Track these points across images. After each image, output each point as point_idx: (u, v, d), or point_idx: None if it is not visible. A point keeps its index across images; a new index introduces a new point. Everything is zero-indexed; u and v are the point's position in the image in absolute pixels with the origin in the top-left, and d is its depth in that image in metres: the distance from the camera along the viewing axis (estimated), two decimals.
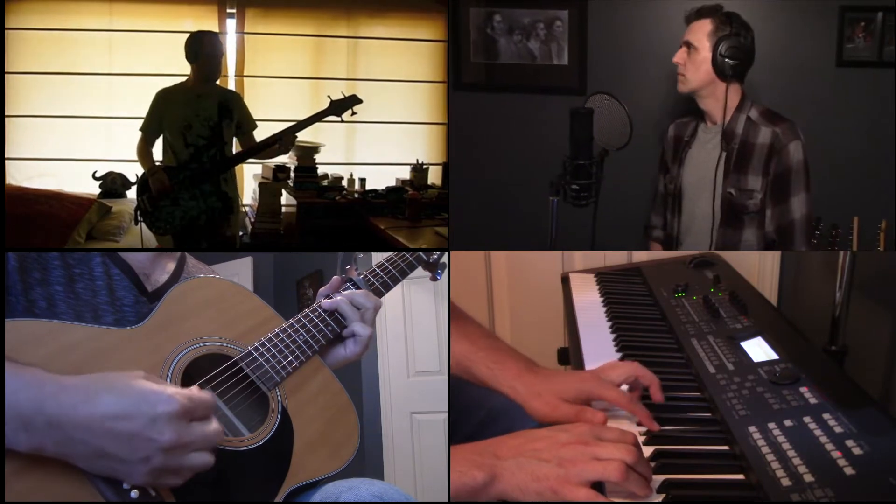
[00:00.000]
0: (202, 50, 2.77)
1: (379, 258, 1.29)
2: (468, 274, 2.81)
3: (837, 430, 1.01)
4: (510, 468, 0.93)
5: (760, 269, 2.38)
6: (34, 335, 0.90)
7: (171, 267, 1.20)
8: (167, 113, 2.78)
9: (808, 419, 1.05)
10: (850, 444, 0.97)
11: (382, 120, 4.03)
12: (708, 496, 0.95)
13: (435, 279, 1.36)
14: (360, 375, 3.55)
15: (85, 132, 3.79)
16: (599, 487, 0.92)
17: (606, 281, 1.94)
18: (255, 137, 2.94)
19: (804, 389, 1.15)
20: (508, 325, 2.84)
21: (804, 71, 2.48)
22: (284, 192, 3.59)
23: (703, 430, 1.14)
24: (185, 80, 2.83)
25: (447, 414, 2.66)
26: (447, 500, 0.95)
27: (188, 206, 2.77)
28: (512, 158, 2.89)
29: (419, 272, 1.35)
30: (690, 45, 1.95)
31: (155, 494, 0.84)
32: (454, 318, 1.41)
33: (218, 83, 2.91)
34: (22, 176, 3.74)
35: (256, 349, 1.07)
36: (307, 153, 3.52)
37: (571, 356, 1.55)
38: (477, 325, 1.40)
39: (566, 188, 1.68)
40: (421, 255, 1.33)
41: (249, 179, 3.92)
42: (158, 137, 2.83)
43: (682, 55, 1.97)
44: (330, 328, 1.15)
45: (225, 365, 1.03)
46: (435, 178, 3.90)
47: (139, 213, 2.78)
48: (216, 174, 2.81)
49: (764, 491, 0.92)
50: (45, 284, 1.02)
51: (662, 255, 2.20)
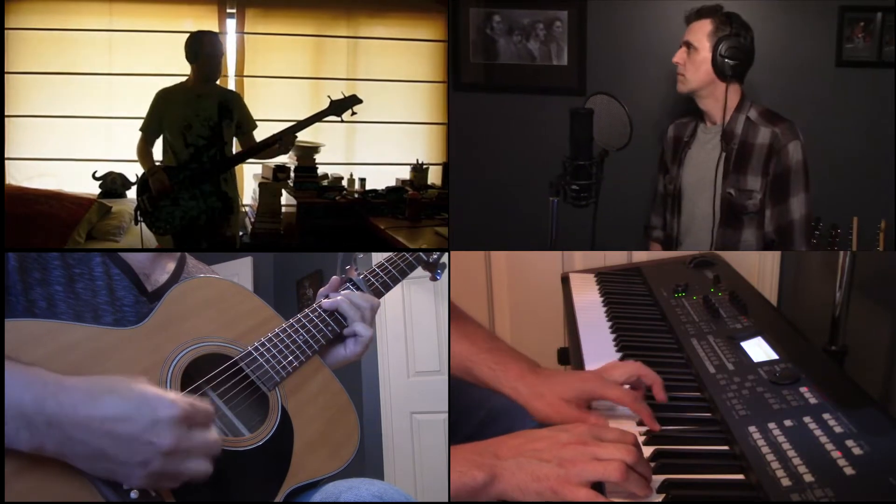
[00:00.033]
0: (202, 50, 2.77)
1: (379, 258, 1.29)
2: (468, 274, 2.80)
3: (837, 430, 1.01)
4: (510, 468, 0.93)
5: (760, 269, 2.38)
6: (34, 335, 0.90)
7: (171, 267, 1.20)
8: (167, 113, 2.78)
9: (808, 419, 1.05)
10: (850, 444, 0.97)
11: (382, 120, 4.03)
12: (708, 496, 0.95)
13: (435, 279, 1.36)
14: (360, 375, 3.55)
15: (85, 132, 3.79)
16: (599, 488, 0.92)
17: (606, 281, 1.94)
18: (255, 137, 2.94)
19: (804, 389, 1.15)
20: (508, 325, 2.83)
21: (804, 71, 2.48)
22: (284, 192, 3.59)
23: (703, 430, 1.14)
24: (185, 80, 2.82)
25: (447, 414, 2.66)
26: (447, 500, 0.95)
27: (188, 206, 2.77)
28: (512, 158, 2.89)
29: (419, 272, 1.35)
30: (690, 45, 1.95)
31: (155, 495, 0.84)
32: (455, 318, 1.41)
33: (218, 83, 2.91)
34: (22, 176, 3.74)
35: (256, 349, 1.07)
36: (307, 153, 3.52)
37: (571, 356, 1.55)
38: (478, 325, 1.40)
39: (566, 188, 1.68)
40: (421, 255, 1.33)
41: (249, 179, 3.92)
42: (158, 137, 2.83)
43: (681, 55, 1.97)
44: (330, 328, 1.15)
45: (225, 365, 1.03)
46: (435, 178, 3.90)
47: (139, 213, 2.77)
48: (216, 174, 2.81)
49: (764, 491, 0.92)
50: (45, 284, 1.02)
51: (662, 255, 2.20)
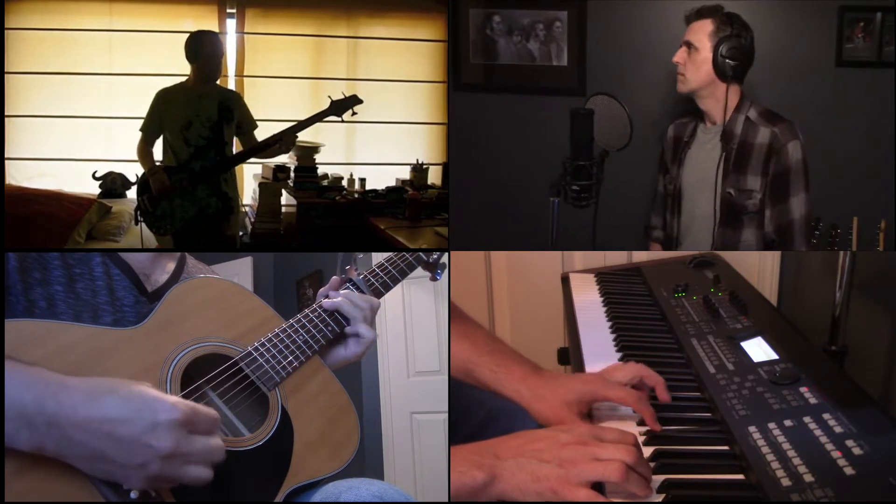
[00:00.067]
0: (202, 50, 2.77)
1: (379, 258, 1.29)
2: (468, 274, 2.80)
3: (837, 430, 1.01)
4: (510, 468, 0.93)
5: (760, 269, 2.38)
6: (34, 335, 0.90)
7: (170, 267, 1.20)
8: (167, 113, 2.78)
9: (808, 419, 1.05)
10: (850, 444, 0.97)
11: (382, 120, 4.03)
12: (708, 496, 0.95)
13: (435, 279, 1.36)
14: (360, 375, 3.55)
15: (85, 132, 3.79)
16: (599, 488, 0.92)
17: (606, 281, 1.94)
18: (255, 137, 2.94)
19: (804, 389, 1.15)
20: (508, 325, 2.83)
21: (804, 71, 2.48)
22: (284, 192, 3.59)
23: (703, 430, 1.14)
24: (185, 80, 2.82)
25: (447, 414, 2.66)
26: (447, 500, 0.95)
27: (188, 206, 2.77)
28: (512, 159, 2.89)
29: (419, 272, 1.35)
30: (691, 45, 1.94)
31: (155, 495, 0.84)
32: (455, 319, 1.40)
33: (218, 83, 2.91)
34: (22, 176, 3.74)
35: (256, 349, 1.07)
36: (307, 153, 3.52)
37: (571, 356, 1.55)
38: (479, 327, 1.39)
39: (567, 189, 1.68)
40: (421, 255, 1.33)
41: (249, 179, 3.92)
42: (159, 137, 2.82)
43: (682, 55, 1.97)
44: (330, 328, 1.15)
45: (225, 365, 1.03)
46: (435, 178, 3.90)
47: (139, 213, 2.77)
48: (217, 174, 2.81)
49: (764, 491, 0.92)
50: (45, 284, 1.02)
51: (662, 255, 2.19)
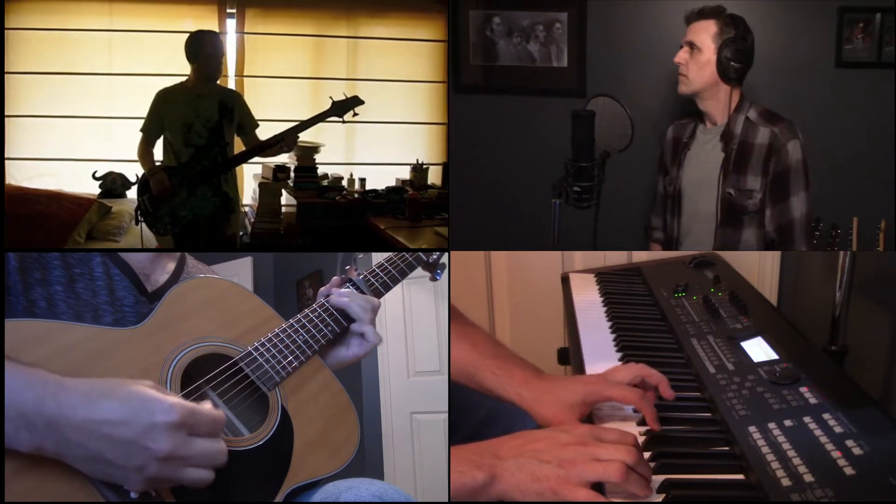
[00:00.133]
0: (202, 50, 2.77)
1: (379, 258, 1.29)
2: (468, 274, 2.80)
3: (837, 430, 1.01)
4: (510, 468, 0.93)
5: (760, 269, 2.38)
6: (34, 335, 0.90)
7: (171, 267, 1.20)
8: (168, 113, 2.78)
9: (808, 419, 1.05)
10: (850, 444, 0.97)
11: (382, 120, 4.03)
12: (708, 496, 0.95)
13: (434, 279, 1.36)
14: (360, 375, 3.55)
15: (85, 132, 3.79)
16: (599, 488, 0.92)
17: (606, 281, 1.94)
18: (257, 136, 2.93)
19: (804, 389, 1.15)
20: (508, 325, 2.83)
21: (804, 71, 2.48)
22: (284, 192, 3.59)
23: (703, 430, 1.14)
24: (185, 80, 2.82)
25: (447, 414, 2.66)
26: (447, 500, 0.95)
27: (188, 206, 2.77)
28: (512, 159, 2.89)
29: (419, 272, 1.35)
30: (693, 45, 1.93)
31: (155, 495, 0.84)
32: (456, 322, 1.40)
33: (218, 83, 2.91)
34: (22, 176, 3.75)
35: (256, 349, 1.07)
36: (307, 153, 3.52)
37: (571, 356, 1.55)
38: (480, 330, 1.39)
39: (568, 190, 1.68)
40: (421, 255, 1.33)
41: (249, 179, 3.92)
42: (159, 138, 2.82)
43: (684, 55, 1.95)
44: (330, 328, 1.15)
45: (225, 365, 1.03)
46: (435, 178, 3.90)
47: (139, 213, 2.77)
48: (217, 174, 2.81)
49: (764, 491, 0.92)
50: (45, 284, 1.02)
51: (662, 255, 2.19)
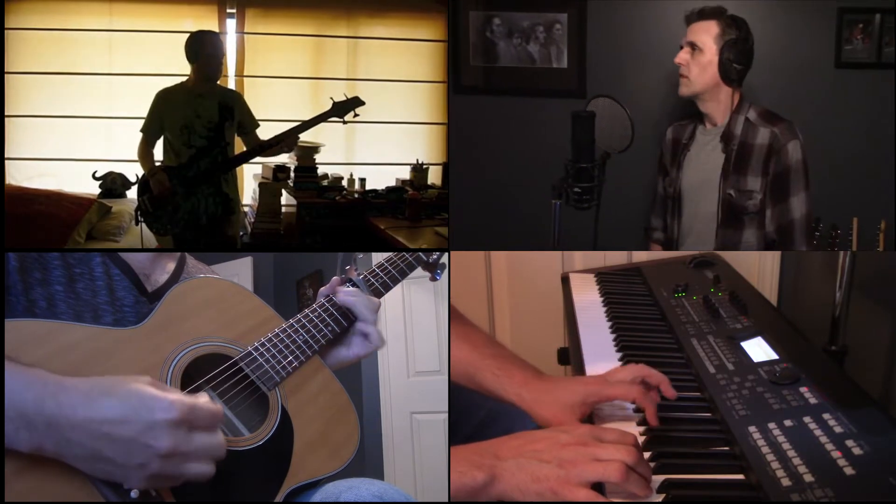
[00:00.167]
0: (203, 50, 2.76)
1: (379, 258, 1.29)
2: (468, 274, 2.80)
3: (837, 430, 1.01)
4: (510, 469, 0.93)
5: (760, 269, 2.38)
6: (34, 335, 0.90)
7: (170, 267, 1.20)
8: (168, 113, 2.78)
9: (808, 419, 1.05)
10: (850, 444, 0.97)
11: (382, 120, 4.03)
12: (708, 496, 0.95)
13: (434, 279, 1.36)
14: (360, 375, 3.55)
15: (85, 132, 3.80)
16: (599, 488, 0.92)
17: (606, 281, 1.94)
18: (258, 136, 2.93)
19: (804, 389, 1.15)
20: (508, 325, 2.83)
21: (803, 72, 2.48)
22: (284, 192, 3.60)
23: (703, 430, 1.14)
24: (185, 80, 2.82)
25: (447, 414, 2.66)
26: (447, 500, 0.95)
27: (189, 206, 2.77)
28: (512, 159, 2.89)
29: (419, 272, 1.35)
30: (695, 45, 1.91)
31: (155, 494, 0.84)
32: (456, 323, 1.40)
33: (218, 83, 2.90)
34: (22, 176, 3.75)
35: (256, 349, 1.07)
36: (307, 153, 3.52)
37: (571, 356, 1.55)
38: (479, 331, 1.39)
39: (569, 191, 1.68)
40: (421, 255, 1.33)
41: (249, 179, 3.92)
42: (159, 138, 2.82)
43: (685, 56, 1.94)
44: (330, 328, 1.15)
45: (225, 365, 1.03)
46: (435, 178, 3.90)
47: (139, 213, 2.77)
48: (218, 175, 2.80)
49: (764, 491, 0.92)
50: (45, 284, 1.02)
51: (662, 255, 2.19)
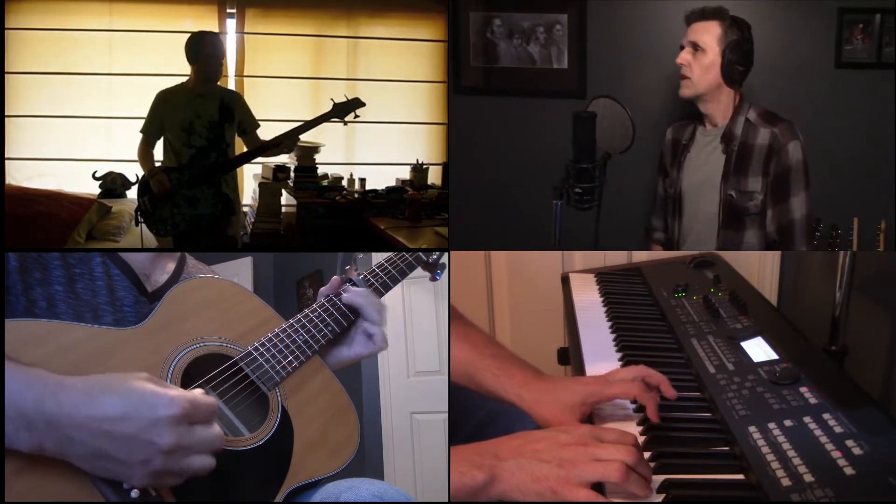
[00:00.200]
0: (203, 51, 2.76)
1: (379, 258, 1.28)
2: (468, 274, 2.80)
3: (837, 430, 1.01)
4: (510, 469, 0.93)
5: (760, 269, 2.38)
6: (34, 335, 0.90)
7: (170, 267, 1.20)
8: (168, 114, 2.78)
9: (808, 419, 1.05)
10: (850, 444, 0.97)
11: (382, 120, 4.03)
12: (708, 496, 0.95)
13: (434, 279, 1.36)
14: (360, 375, 3.55)
15: (85, 132, 3.80)
16: (599, 488, 0.92)
17: (606, 281, 1.94)
18: (259, 136, 2.93)
19: (804, 389, 1.15)
20: (508, 325, 2.83)
21: (803, 72, 2.48)
22: (284, 192, 3.60)
23: (703, 429, 1.14)
24: (185, 81, 2.82)
25: (447, 414, 2.66)
26: (447, 500, 0.95)
27: (189, 207, 2.76)
28: (512, 159, 2.89)
29: (419, 272, 1.35)
30: (697, 45, 1.90)
31: (155, 494, 0.84)
32: (456, 323, 1.40)
33: (218, 84, 2.90)
34: (22, 176, 3.75)
35: (256, 349, 1.07)
36: (307, 153, 3.52)
37: (571, 356, 1.55)
38: (479, 330, 1.39)
39: (570, 192, 1.68)
40: (421, 255, 1.33)
41: (249, 179, 3.92)
42: (159, 139, 2.82)
43: (686, 56, 1.92)
44: (330, 328, 1.15)
45: (225, 365, 1.03)
46: (435, 178, 3.90)
47: (140, 214, 2.77)
48: (218, 176, 2.80)
49: (764, 491, 0.92)
50: (45, 284, 1.03)
51: (662, 255, 2.19)
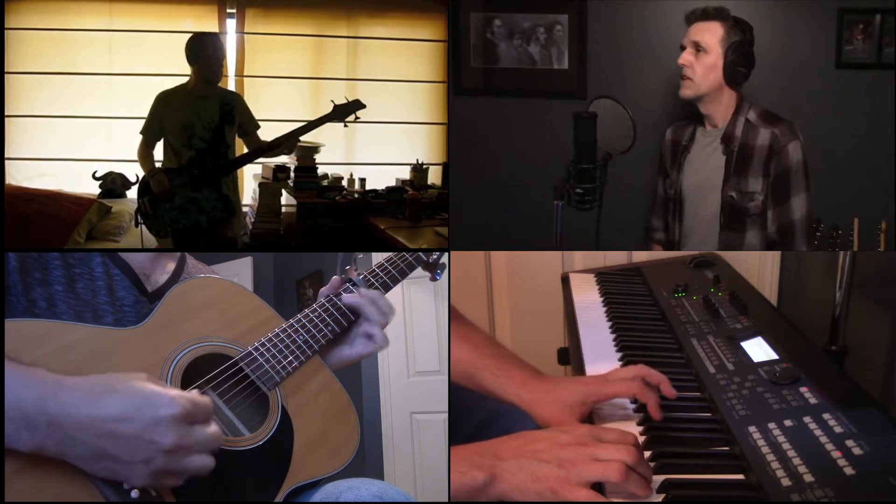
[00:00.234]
0: (203, 52, 2.76)
1: (379, 258, 1.29)
2: (468, 274, 2.80)
3: (837, 430, 1.01)
4: (510, 469, 0.93)
5: (760, 269, 2.38)
6: (34, 335, 0.90)
7: (171, 267, 1.20)
8: (168, 115, 2.77)
9: (808, 419, 1.05)
10: (850, 444, 0.97)
11: (382, 120, 4.03)
12: (708, 496, 0.95)
13: (434, 279, 1.36)
14: (360, 375, 3.55)
15: (85, 132, 3.80)
16: (599, 488, 0.92)
17: (606, 281, 1.94)
18: (259, 137, 2.93)
19: (804, 389, 1.15)
20: (508, 325, 2.83)
21: (804, 72, 2.48)
22: (284, 192, 3.60)
23: (703, 429, 1.14)
24: (185, 82, 2.81)
25: (447, 414, 2.66)
26: (447, 500, 0.95)
27: (189, 208, 2.76)
28: (512, 159, 2.89)
29: (419, 272, 1.35)
30: (699, 46, 1.89)
31: (155, 494, 0.84)
32: (455, 323, 1.40)
33: (219, 85, 2.90)
34: (22, 176, 3.75)
35: (256, 349, 1.07)
36: (307, 153, 3.52)
37: (571, 356, 1.55)
38: (479, 331, 1.39)
39: (570, 192, 1.68)
40: (421, 255, 1.33)
41: (249, 179, 3.92)
42: (160, 140, 2.82)
43: (688, 57, 1.90)
44: (331, 328, 1.15)
45: (225, 365, 1.03)
46: (435, 178, 3.91)
47: (140, 215, 2.77)
48: (218, 177, 2.80)
49: (764, 491, 0.92)
50: (45, 284, 1.03)
51: (662, 255, 2.19)
